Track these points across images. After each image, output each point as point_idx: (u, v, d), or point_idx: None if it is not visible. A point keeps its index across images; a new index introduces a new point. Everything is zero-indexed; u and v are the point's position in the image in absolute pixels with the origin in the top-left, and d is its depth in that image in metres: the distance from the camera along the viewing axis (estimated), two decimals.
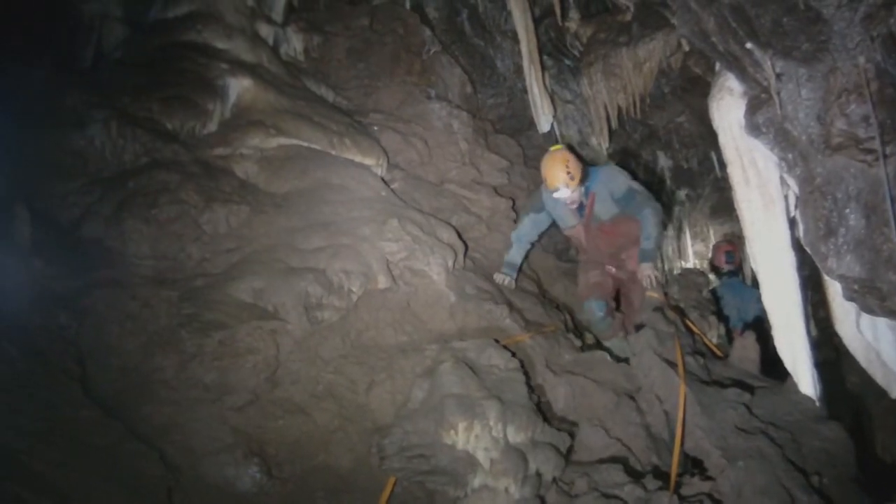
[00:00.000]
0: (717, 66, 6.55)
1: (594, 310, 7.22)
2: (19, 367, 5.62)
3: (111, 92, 8.65)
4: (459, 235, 7.43)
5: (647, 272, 7.00)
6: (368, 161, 8.82)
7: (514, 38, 11.19)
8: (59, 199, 7.74)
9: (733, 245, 9.77)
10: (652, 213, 6.92)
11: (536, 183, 9.12)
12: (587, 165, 7.16)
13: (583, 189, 6.96)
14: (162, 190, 7.41)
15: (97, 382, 5.86)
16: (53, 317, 6.25)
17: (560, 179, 6.76)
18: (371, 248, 6.89)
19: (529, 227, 7.50)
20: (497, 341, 5.80)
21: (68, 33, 12.40)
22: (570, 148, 7.29)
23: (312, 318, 6.29)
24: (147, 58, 9.41)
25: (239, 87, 8.96)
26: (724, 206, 12.48)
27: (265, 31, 10.46)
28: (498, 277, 7.57)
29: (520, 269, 7.87)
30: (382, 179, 8.69)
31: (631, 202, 6.95)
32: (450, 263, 7.05)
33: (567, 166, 6.76)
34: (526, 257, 8.06)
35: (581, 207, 7.07)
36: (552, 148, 7.03)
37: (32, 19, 12.64)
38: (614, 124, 10.45)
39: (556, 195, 6.90)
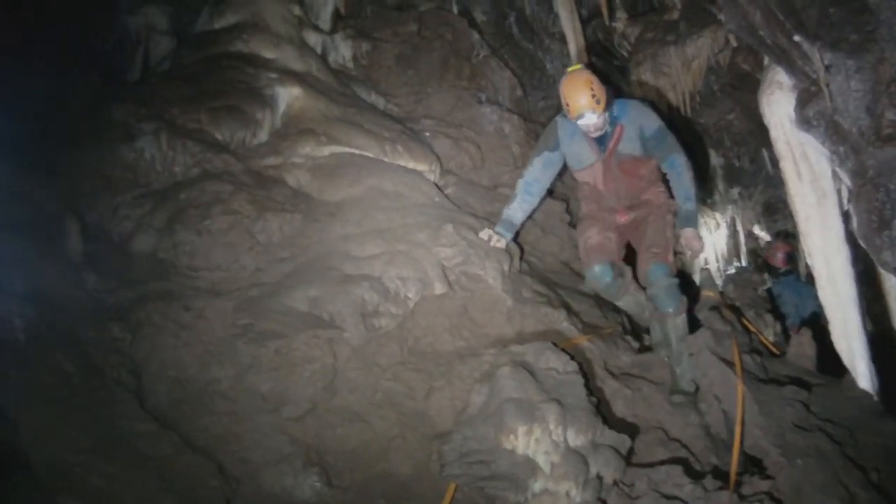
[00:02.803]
0: (766, 60, 6.67)
1: (600, 276, 6.44)
2: (74, 380, 5.90)
3: (160, 104, 8.98)
4: (514, 239, 7.56)
5: (693, 241, 6.22)
6: (421, 167, 9.08)
7: (563, 40, 11.40)
8: (109, 212, 8.06)
9: (790, 245, 9.85)
10: (686, 165, 6.23)
11: None
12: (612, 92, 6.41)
13: (607, 117, 6.18)
14: (214, 201, 7.70)
15: (152, 394, 6.13)
16: (107, 330, 6.51)
17: (585, 104, 5.97)
18: (427, 254, 7.06)
19: (540, 171, 6.71)
20: (555, 344, 5.91)
21: (115, 47, 12.80)
22: (592, 67, 6.59)
23: (369, 326, 6.48)
24: (194, 69, 9.75)
25: (288, 95, 9.26)
26: (776, 203, 12.53)
27: (313, 39, 10.80)
28: (484, 234, 7.06)
29: (519, 229, 7.41)
30: (436, 185, 8.93)
31: (661, 144, 6.24)
32: (506, 267, 7.19)
33: (591, 88, 5.98)
34: (530, 216, 7.64)
35: (603, 140, 6.28)
36: (570, 69, 6.27)
37: (79, 34, 13.07)
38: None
39: (581, 122, 6.08)
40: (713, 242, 14.17)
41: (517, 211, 6.92)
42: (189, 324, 6.55)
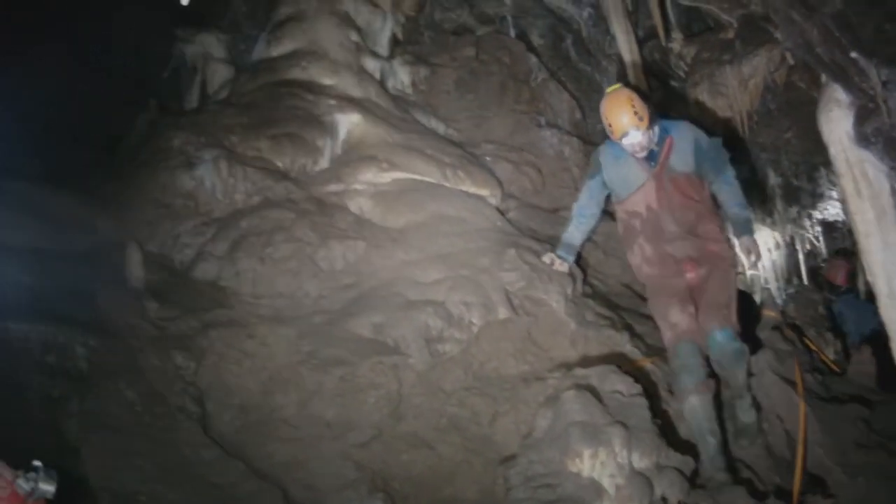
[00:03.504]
0: (823, 78, 6.66)
1: (690, 354, 5.76)
2: (137, 408, 6.09)
3: (219, 132, 9.22)
4: (577, 262, 7.62)
5: (751, 248, 6.00)
6: (483, 192, 9.23)
7: (620, 61, 11.47)
8: (171, 240, 8.28)
9: (850, 262, 9.83)
10: (735, 176, 6.08)
11: None
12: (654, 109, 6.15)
13: (655, 132, 5.92)
14: (276, 228, 7.90)
15: (216, 422, 6.29)
16: (170, 358, 6.67)
17: (628, 121, 5.74)
18: (490, 279, 7.18)
19: (587, 198, 6.43)
20: (619, 367, 5.95)
21: (172, 75, 13.08)
22: (632, 87, 6.27)
23: (434, 351, 6.60)
24: (253, 97, 10.00)
25: (348, 122, 9.48)
26: (835, 221, 12.49)
27: (371, 65, 10.99)
28: (546, 258, 6.86)
29: (580, 251, 7.14)
30: (497, 209, 9.08)
31: (717, 158, 6.02)
32: (569, 291, 7.28)
33: (633, 105, 5.76)
34: (588, 238, 7.39)
35: (653, 157, 5.95)
36: (609, 90, 6.02)
37: (138, 63, 13.38)
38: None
39: (625, 141, 5.81)
40: (773, 261, 14.14)
41: (574, 234, 6.65)
42: (253, 351, 6.72)
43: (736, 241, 6.25)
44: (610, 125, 5.79)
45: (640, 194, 5.99)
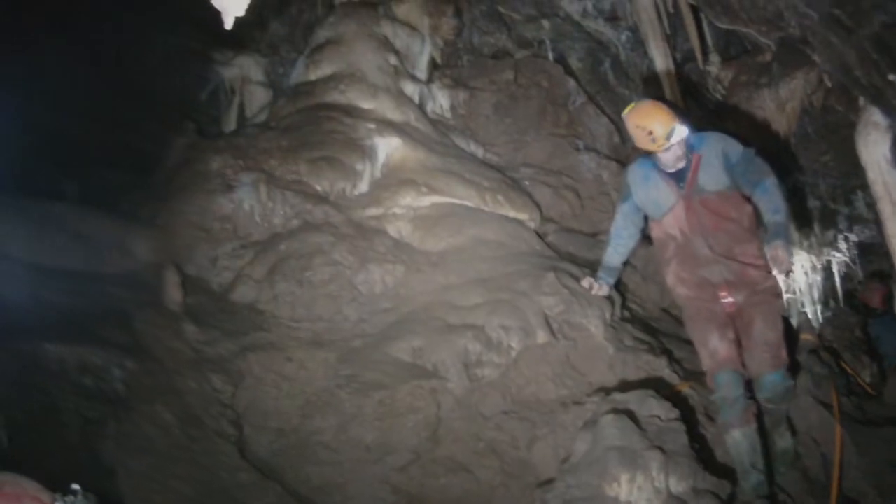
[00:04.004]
0: (861, 101, 6.69)
1: (732, 385, 5.58)
2: (174, 431, 6.20)
3: (258, 155, 9.37)
4: (616, 286, 7.65)
5: (782, 255, 5.46)
6: (522, 216, 9.34)
7: (658, 85, 11.50)
8: (209, 263, 8.43)
9: (887, 285, 9.84)
10: (775, 184, 5.60)
11: None
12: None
13: (684, 146, 5.66)
14: (315, 252, 8.03)
15: (254, 445, 6.39)
16: (208, 381, 6.82)
17: (670, 118, 5.51)
18: (529, 303, 7.26)
19: (622, 221, 6.14)
20: (657, 392, 5.98)
21: (210, 97, 13.24)
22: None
23: (472, 376, 6.70)
24: (292, 120, 10.13)
25: (387, 146, 9.60)
26: (872, 244, 12.49)
27: (410, 89, 11.11)
28: (585, 282, 6.40)
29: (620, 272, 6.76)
30: (536, 233, 9.19)
31: (750, 167, 5.62)
32: (607, 315, 7.36)
33: (660, 111, 5.57)
34: (628, 261, 7.44)
35: (681, 176, 5.70)
36: (628, 108, 5.82)
37: (176, 86, 13.56)
38: None
39: (673, 139, 5.50)
40: (809, 284, 14.12)
41: (613, 256, 6.34)
42: (291, 375, 6.84)
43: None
44: (651, 132, 5.51)
45: (670, 217, 5.78)
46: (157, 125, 13.57)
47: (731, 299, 5.67)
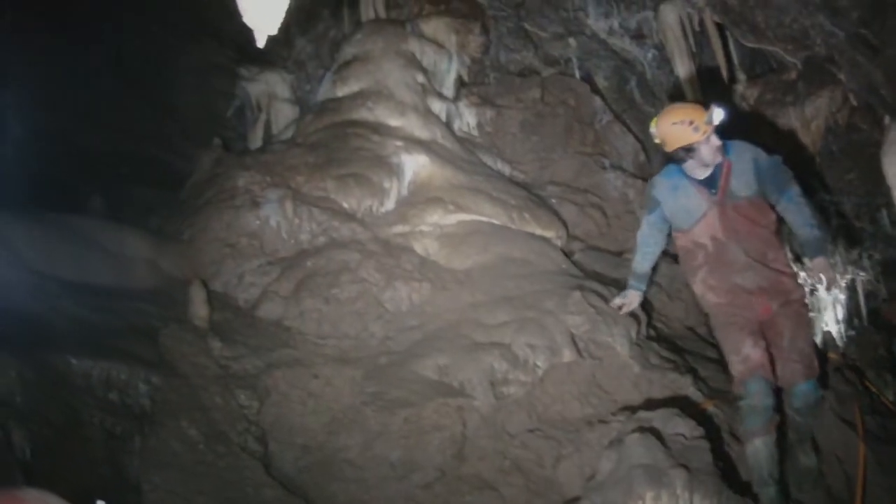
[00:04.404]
0: (887, 119, 6.70)
1: (762, 393, 5.55)
2: (200, 447, 6.29)
3: (284, 171, 9.46)
4: (641, 305, 7.68)
5: (825, 270, 5.62)
6: (548, 234, 9.42)
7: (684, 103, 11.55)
8: (235, 279, 8.51)
9: None
10: (804, 195, 5.66)
11: None
12: None
13: (720, 142, 5.62)
14: (342, 269, 8.12)
15: (280, 461, 6.45)
16: (234, 396, 6.89)
17: (700, 116, 5.48)
18: (555, 322, 7.30)
19: (648, 230, 6.10)
20: (682, 410, 6.00)
21: (236, 113, 13.37)
22: None
23: (498, 394, 6.74)
24: (319, 136, 10.23)
25: (415, 164, 9.69)
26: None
27: (437, 106, 11.19)
28: (616, 301, 6.34)
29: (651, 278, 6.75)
30: (562, 251, 9.25)
31: (777, 176, 5.66)
32: (633, 334, 7.39)
33: (690, 104, 5.68)
34: (655, 282, 7.57)
35: (711, 183, 5.68)
36: (655, 119, 5.77)
37: (202, 102, 13.69)
38: None
39: (705, 153, 5.50)
40: (833, 303, 14.11)
41: (642, 263, 6.24)
42: (317, 391, 6.90)
43: (807, 264, 5.97)
44: (692, 122, 5.46)
45: (703, 225, 5.71)
46: (183, 140, 13.74)
47: (765, 306, 5.63)
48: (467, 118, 11.75)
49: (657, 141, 5.65)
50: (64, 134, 13.13)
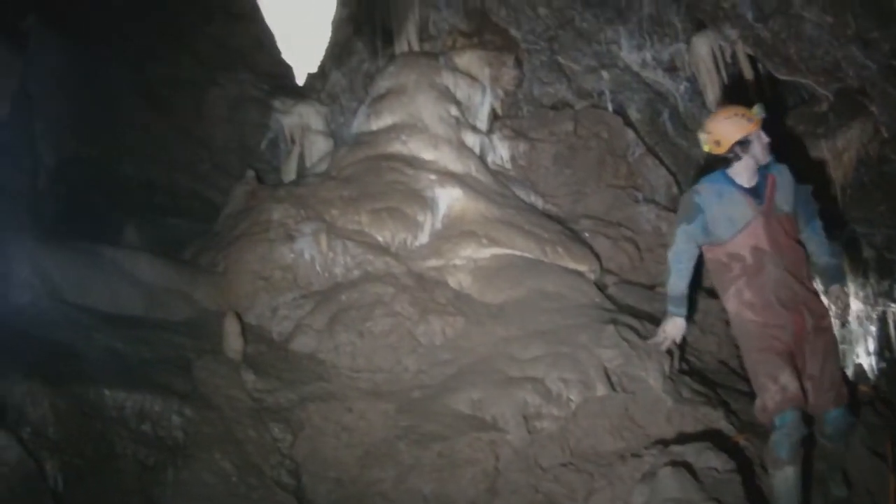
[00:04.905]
0: None
1: (798, 424, 5.44)
2: (233, 479, 6.37)
3: (319, 205, 9.60)
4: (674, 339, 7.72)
5: (841, 297, 5.87)
6: (581, 267, 9.48)
7: None
8: (269, 312, 8.63)
9: None
10: (823, 227, 5.81)
11: None
12: None
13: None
14: (376, 303, 8.22)
15: (312, 495, 6.51)
16: (267, 430, 6.95)
17: (750, 108, 5.57)
18: (589, 356, 7.35)
19: (684, 243, 5.87)
20: (714, 444, 6.03)
21: (270, 145, 13.49)
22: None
23: (531, 428, 6.79)
24: (353, 170, 10.36)
25: (448, 197, 9.81)
26: None
27: (471, 139, 11.29)
28: (659, 337, 6.00)
29: (690, 299, 6.37)
30: (596, 285, 9.28)
31: (808, 205, 5.78)
32: (666, 368, 7.42)
33: (738, 107, 5.65)
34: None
35: (757, 192, 5.66)
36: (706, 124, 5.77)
37: (235, 134, 13.83)
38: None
39: (757, 148, 5.57)
40: (865, 335, 14.05)
41: (678, 283, 5.93)
42: (351, 425, 6.97)
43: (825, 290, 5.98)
44: (744, 114, 5.57)
45: (746, 234, 5.62)
46: (216, 172, 13.88)
47: (800, 325, 5.52)
48: (501, 151, 11.84)
49: (708, 147, 5.63)
50: (96, 163, 13.29)
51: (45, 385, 6.00)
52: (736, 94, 11.60)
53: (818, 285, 5.96)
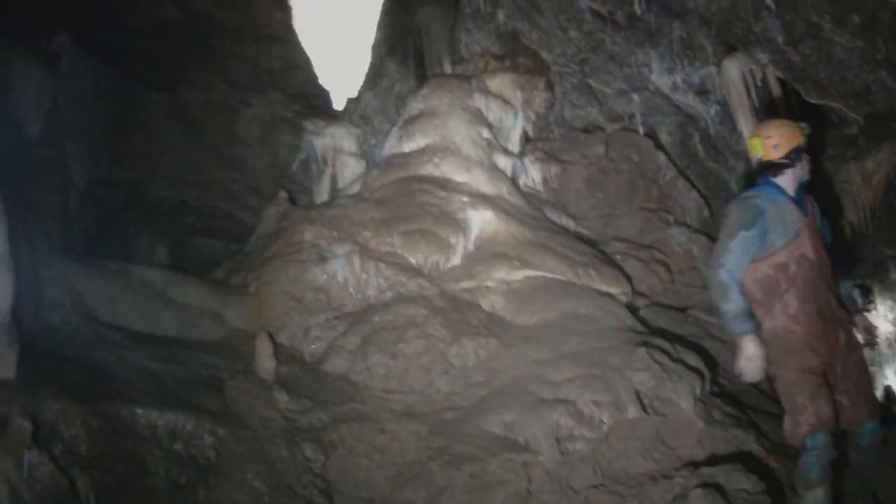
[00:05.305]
0: None
1: (831, 446, 5.41)
2: (265, 499, 6.42)
3: (351, 226, 9.71)
4: (705, 361, 7.75)
5: (869, 325, 5.83)
6: (613, 290, 9.53)
7: (746, 159, 11.59)
8: (301, 333, 8.72)
9: None
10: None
11: None
12: None
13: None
14: (408, 324, 8.30)
15: None
16: (299, 450, 7.03)
17: (800, 135, 5.62)
18: (620, 378, 7.38)
19: (741, 254, 5.60)
20: (744, 465, 6.06)
21: (301, 167, 13.61)
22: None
23: (563, 450, 6.82)
24: (385, 192, 10.47)
25: (481, 219, 9.87)
26: None
27: (503, 162, 11.36)
28: (747, 366, 5.51)
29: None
30: (627, 307, 9.31)
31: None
32: (697, 390, 7.46)
33: (786, 119, 5.87)
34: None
35: (799, 203, 5.66)
36: (754, 135, 5.86)
37: (266, 155, 13.97)
38: (849, 240, 10.67)
39: (805, 160, 5.61)
40: (893, 356, 14.02)
41: (740, 297, 5.58)
42: (383, 446, 7.02)
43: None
44: (796, 124, 5.71)
45: (796, 243, 5.57)
46: (247, 192, 14.01)
47: (836, 341, 5.53)
48: (532, 174, 11.90)
49: (762, 151, 5.63)
50: (128, 184, 13.45)
51: (78, 403, 6.09)
52: (767, 117, 11.67)
53: None
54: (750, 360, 5.42)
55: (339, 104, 16.17)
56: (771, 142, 5.58)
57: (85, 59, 13.07)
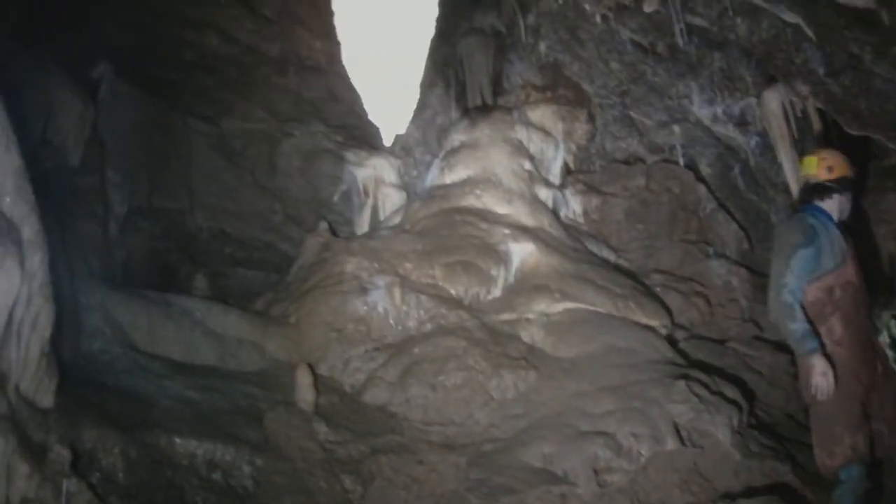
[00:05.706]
0: None
1: (865, 477, 5.40)
2: None
3: (392, 258, 9.80)
4: (743, 393, 7.76)
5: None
6: (653, 322, 9.55)
7: (787, 191, 11.58)
8: (341, 363, 8.78)
9: None
10: None
11: None
12: None
13: None
14: (448, 356, 8.35)
15: None
16: (338, 481, 7.06)
17: (851, 167, 5.76)
18: (659, 411, 7.41)
19: (801, 273, 5.53)
20: (781, 497, 6.07)
21: (342, 197, 13.71)
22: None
23: (601, 482, 6.84)
24: (427, 223, 10.58)
25: (522, 252, 9.94)
26: None
27: (544, 194, 11.46)
28: (823, 382, 5.35)
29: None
30: (667, 340, 9.33)
31: None
32: (735, 422, 7.47)
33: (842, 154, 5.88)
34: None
35: (841, 229, 5.67)
36: (808, 157, 5.97)
37: (307, 185, 14.07)
38: (887, 271, 10.62)
39: (850, 193, 5.69)
40: None
41: (802, 316, 5.53)
42: (422, 477, 7.04)
43: None
44: (834, 164, 5.78)
45: (842, 269, 5.59)
46: (288, 223, 14.11)
47: (876, 368, 5.53)
48: (573, 206, 11.97)
49: (815, 170, 5.71)
50: (167, 213, 13.57)
51: (117, 432, 6.18)
52: (807, 149, 11.66)
53: None
54: (825, 375, 5.32)
55: (388, 141, 16.29)
56: (826, 163, 5.69)
57: (126, 88, 13.25)
